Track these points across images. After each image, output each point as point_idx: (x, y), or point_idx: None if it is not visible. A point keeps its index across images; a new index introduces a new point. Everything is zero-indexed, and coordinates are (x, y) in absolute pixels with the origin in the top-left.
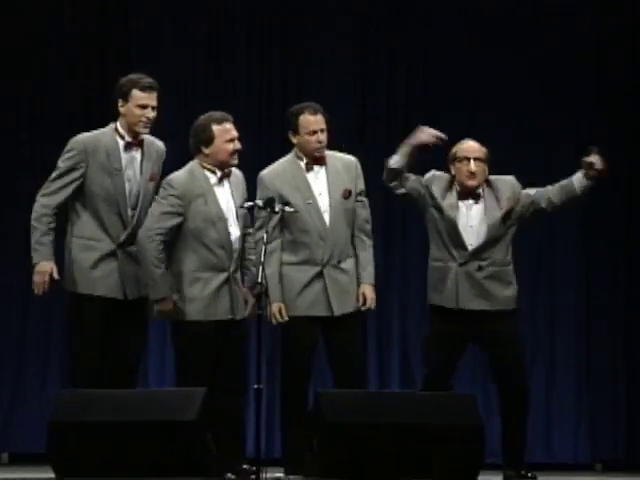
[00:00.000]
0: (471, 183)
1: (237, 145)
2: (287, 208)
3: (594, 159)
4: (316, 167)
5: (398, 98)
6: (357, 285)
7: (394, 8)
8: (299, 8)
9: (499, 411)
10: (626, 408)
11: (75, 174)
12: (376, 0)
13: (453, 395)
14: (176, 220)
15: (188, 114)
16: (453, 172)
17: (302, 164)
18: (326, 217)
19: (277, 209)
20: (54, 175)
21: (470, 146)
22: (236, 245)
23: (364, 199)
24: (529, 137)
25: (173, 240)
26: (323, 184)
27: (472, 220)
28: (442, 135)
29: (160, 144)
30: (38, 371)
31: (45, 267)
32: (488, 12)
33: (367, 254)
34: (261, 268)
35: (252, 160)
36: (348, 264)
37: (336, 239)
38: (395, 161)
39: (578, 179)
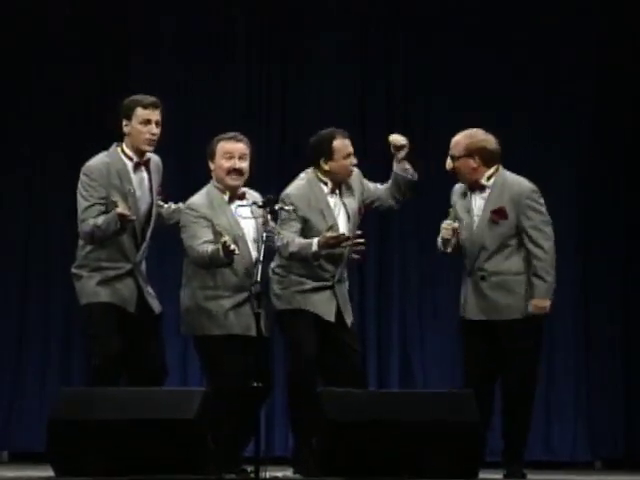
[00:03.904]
0: (459, 180)
1: (236, 164)
2: (286, 207)
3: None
4: (336, 190)
5: (397, 98)
6: None
7: (394, 8)
8: (299, 8)
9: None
10: (625, 406)
11: (103, 201)
12: (376, 0)
13: (452, 393)
14: (211, 232)
15: (187, 114)
16: None
17: (326, 188)
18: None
19: (276, 208)
20: (87, 204)
21: (451, 142)
22: (256, 264)
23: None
24: (529, 137)
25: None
26: (340, 205)
27: (478, 210)
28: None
29: (157, 157)
30: (37, 370)
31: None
32: (488, 12)
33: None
34: (260, 267)
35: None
36: (345, 273)
37: (346, 256)
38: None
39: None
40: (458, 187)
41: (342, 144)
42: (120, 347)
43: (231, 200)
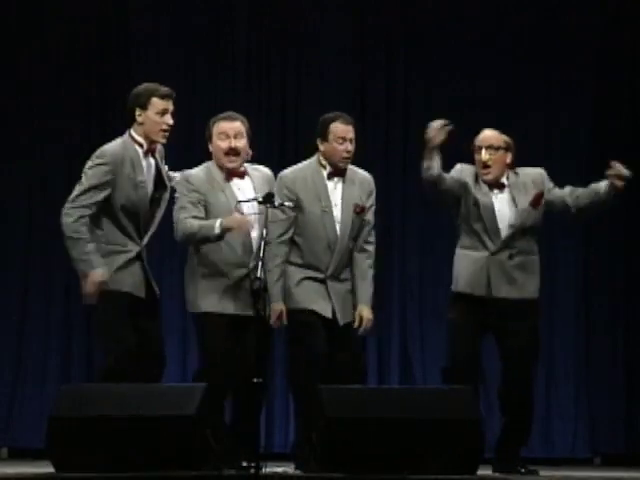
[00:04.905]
0: (484, 173)
1: (232, 143)
2: (287, 203)
3: (618, 171)
4: (336, 177)
5: (397, 93)
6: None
7: (394, 2)
8: (298, 4)
9: (500, 409)
10: (625, 402)
11: (107, 187)
12: None
13: (452, 389)
14: (200, 210)
15: (186, 114)
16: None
17: (324, 172)
18: (338, 228)
19: (276, 204)
20: (87, 186)
21: (484, 135)
22: (256, 242)
23: (371, 218)
24: (529, 137)
25: None
26: (339, 195)
27: (501, 206)
28: (445, 121)
29: (159, 145)
30: (37, 367)
31: (98, 276)
32: (489, 9)
33: (367, 272)
34: (260, 263)
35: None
36: (346, 274)
37: (342, 252)
38: (429, 168)
39: (605, 186)
40: (466, 167)
41: (339, 128)
42: (134, 344)
43: (230, 177)
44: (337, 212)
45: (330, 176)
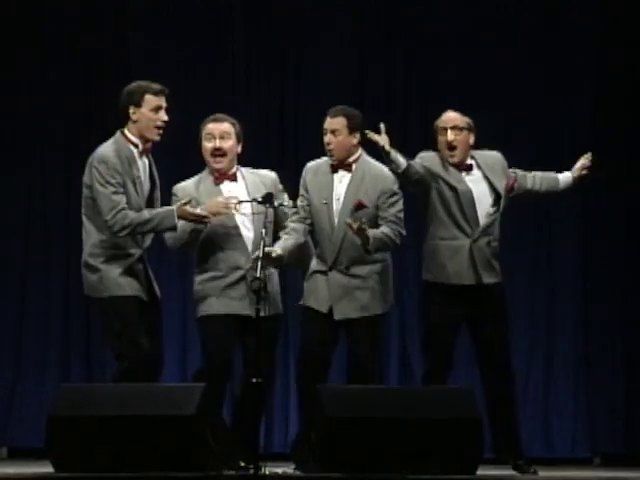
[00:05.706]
0: (450, 155)
1: (217, 143)
2: (285, 203)
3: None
4: (342, 171)
5: (397, 94)
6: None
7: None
8: (298, 4)
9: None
10: (625, 402)
11: (122, 189)
12: None
13: (452, 389)
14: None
15: (185, 115)
16: (439, 147)
17: (330, 164)
18: (336, 221)
19: (276, 204)
20: (108, 192)
21: (447, 116)
22: (250, 243)
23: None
24: (529, 137)
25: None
26: (344, 189)
27: (478, 190)
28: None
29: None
30: (36, 366)
31: (185, 209)
32: (489, 9)
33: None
34: (259, 264)
35: (251, 155)
36: (361, 270)
37: (344, 244)
38: (397, 167)
39: (565, 178)
40: (430, 155)
41: (325, 121)
42: (148, 347)
43: (221, 180)
44: (338, 205)
45: (334, 169)
